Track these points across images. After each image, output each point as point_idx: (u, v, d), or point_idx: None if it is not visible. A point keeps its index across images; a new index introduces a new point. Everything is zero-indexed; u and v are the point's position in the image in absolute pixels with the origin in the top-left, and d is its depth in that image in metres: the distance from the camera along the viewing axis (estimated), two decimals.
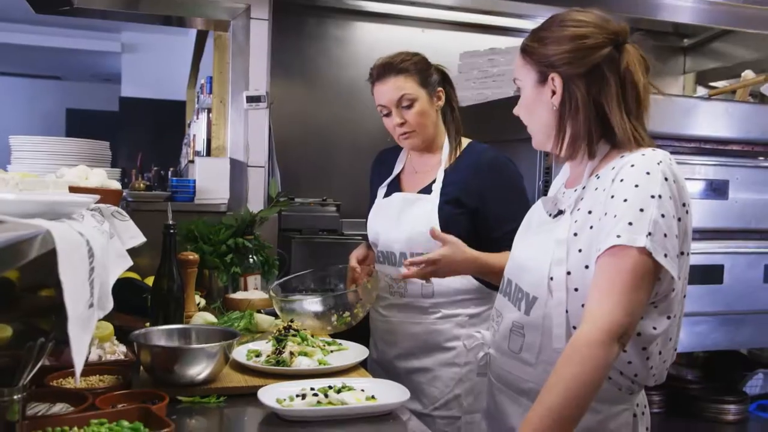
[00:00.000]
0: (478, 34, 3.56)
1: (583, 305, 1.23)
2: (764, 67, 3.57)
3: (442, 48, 2.53)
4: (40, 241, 0.86)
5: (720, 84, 3.68)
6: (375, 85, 1.98)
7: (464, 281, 1.90)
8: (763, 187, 2.61)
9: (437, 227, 1.84)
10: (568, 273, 1.26)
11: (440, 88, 2.00)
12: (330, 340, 1.78)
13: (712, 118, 2.55)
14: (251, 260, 2.33)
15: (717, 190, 2.56)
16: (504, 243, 1.77)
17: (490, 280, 1.80)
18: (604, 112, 1.29)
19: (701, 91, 3.95)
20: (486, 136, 2.20)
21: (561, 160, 1.41)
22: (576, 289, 1.25)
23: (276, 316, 1.96)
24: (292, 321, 1.78)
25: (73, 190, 1.48)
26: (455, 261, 1.68)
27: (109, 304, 1.12)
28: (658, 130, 2.44)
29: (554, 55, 1.31)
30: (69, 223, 1.00)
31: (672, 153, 2.51)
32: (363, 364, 1.67)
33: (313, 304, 1.88)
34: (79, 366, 0.92)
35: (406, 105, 1.93)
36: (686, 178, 2.44)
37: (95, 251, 1.01)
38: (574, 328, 1.25)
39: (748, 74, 2.99)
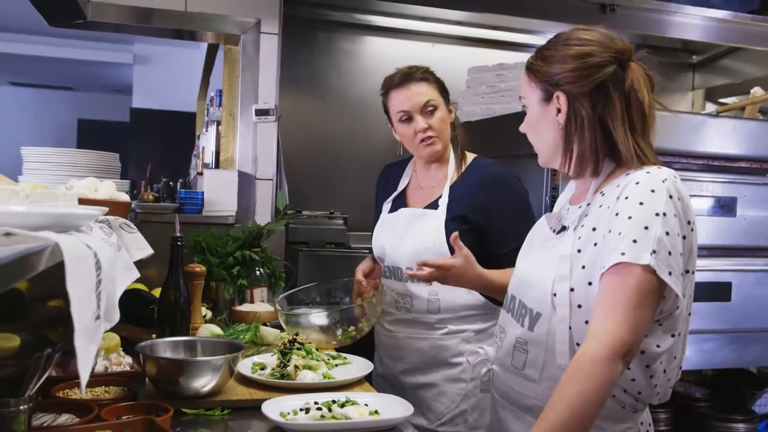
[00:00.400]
0: (487, 49, 3.57)
1: (586, 322, 1.23)
2: None
3: (451, 63, 2.56)
4: (48, 254, 0.87)
5: (729, 100, 3.69)
6: (395, 91, 1.98)
7: (470, 297, 1.90)
8: None
9: (444, 241, 1.85)
10: (572, 289, 1.25)
11: (452, 104, 2.03)
12: (335, 354, 1.78)
13: (721, 136, 2.55)
14: (258, 273, 2.34)
15: (725, 207, 2.56)
16: (508, 260, 1.77)
17: (494, 296, 1.81)
18: (609, 131, 1.29)
19: (711, 107, 3.95)
20: (494, 151, 2.21)
21: (568, 177, 1.41)
22: (579, 306, 1.25)
23: (282, 329, 1.96)
24: (297, 334, 1.78)
25: (82, 202, 1.49)
26: (465, 274, 1.69)
27: (116, 316, 1.13)
28: (667, 147, 2.45)
29: (559, 74, 1.32)
30: (77, 235, 1.01)
31: (680, 170, 2.52)
32: (367, 379, 1.67)
33: (318, 317, 1.88)
34: (84, 377, 0.93)
35: (430, 110, 1.95)
36: (694, 195, 2.47)
37: (102, 264, 1.02)
38: (578, 344, 1.24)
39: (757, 91, 2.99)
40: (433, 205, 1.96)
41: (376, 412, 1.37)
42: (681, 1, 3.33)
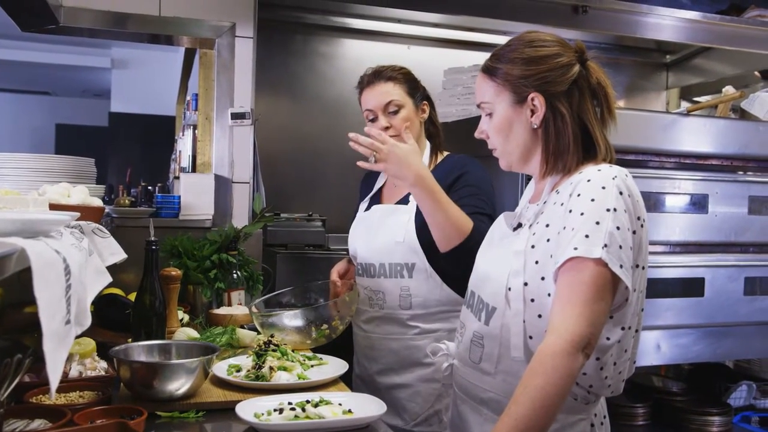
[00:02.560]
0: (462, 51, 3.60)
1: (539, 315, 1.26)
2: (746, 83, 3.64)
3: (427, 64, 2.57)
4: (15, 260, 0.88)
5: (704, 99, 3.74)
6: (364, 91, 2.03)
7: (442, 293, 1.92)
8: (742, 200, 2.65)
9: (414, 236, 1.87)
10: (525, 284, 1.29)
11: (425, 102, 2.04)
12: (311, 354, 1.79)
13: (691, 134, 2.59)
14: (235, 276, 2.34)
15: (697, 204, 2.60)
16: None
17: (429, 209, 1.76)
18: (586, 127, 1.34)
19: (686, 105, 4.01)
20: (469, 151, 2.23)
21: (541, 175, 1.43)
22: (532, 300, 1.28)
23: (258, 331, 1.97)
24: (272, 336, 1.79)
25: (54, 207, 1.49)
26: (405, 152, 1.73)
27: (87, 321, 1.13)
28: (640, 145, 2.49)
29: (532, 76, 1.34)
30: (45, 240, 1.01)
31: (653, 168, 2.56)
32: (344, 379, 1.69)
33: (291, 318, 1.89)
34: (54, 382, 0.93)
35: (393, 110, 1.98)
36: (667, 193, 2.51)
37: (72, 268, 1.02)
38: (530, 338, 1.28)
39: (728, 90, 3.04)
40: (404, 200, 1.98)
41: (350, 411, 1.38)
42: (652, 2, 3.38)
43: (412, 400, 1.93)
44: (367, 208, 2.10)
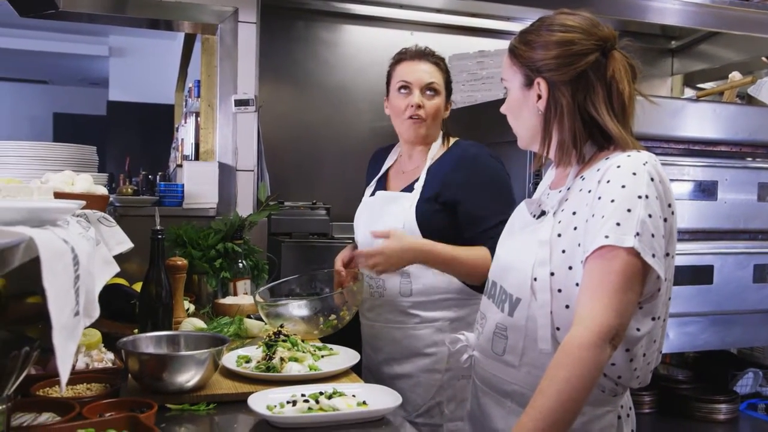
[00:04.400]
0: (467, 37, 3.56)
1: (567, 306, 1.23)
2: (750, 69, 3.60)
3: None
4: (23, 249, 0.85)
5: (708, 85, 3.71)
6: (404, 62, 1.98)
7: (443, 279, 1.88)
8: (751, 187, 2.62)
9: (414, 224, 1.85)
10: (552, 274, 1.25)
11: (449, 102, 2.03)
12: (321, 345, 1.77)
13: (700, 120, 2.56)
14: (241, 265, 2.31)
15: (706, 191, 2.57)
16: (478, 242, 1.77)
17: (443, 270, 1.82)
18: (592, 117, 1.29)
19: (689, 92, 3.97)
20: (476, 138, 2.20)
21: (554, 164, 1.40)
22: (559, 290, 1.24)
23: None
24: (282, 326, 1.76)
25: (59, 195, 1.46)
26: (396, 250, 1.75)
27: (96, 312, 1.10)
28: (648, 132, 2.45)
29: (541, 60, 1.31)
30: (53, 230, 0.98)
31: (661, 154, 2.53)
32: (355, 369, 1.66)
33: (298, 308, 1.87)
34: (64, 375, 0.90)
35: (431, 92, 1.95)
36: (675, 180, 2.49)
37: (80, 258, 0.99)
38: (558, 329, 1.25)
39: (735, 76, 3.00)
40: (409, 188, 1.95)
41: (365, 402, 1.35)
42: None
43: (413, 390, 1.90)
44: (372, 194, 2.07)
